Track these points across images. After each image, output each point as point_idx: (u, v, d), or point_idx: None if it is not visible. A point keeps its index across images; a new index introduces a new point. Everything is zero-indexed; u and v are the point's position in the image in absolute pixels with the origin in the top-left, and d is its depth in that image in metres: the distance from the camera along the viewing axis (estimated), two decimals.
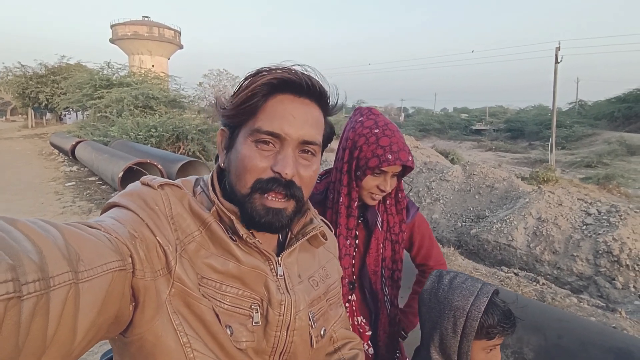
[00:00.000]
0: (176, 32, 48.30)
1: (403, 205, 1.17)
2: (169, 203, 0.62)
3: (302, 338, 0.68)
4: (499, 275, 4.85)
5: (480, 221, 7.81)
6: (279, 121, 0.62)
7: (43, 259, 0.39)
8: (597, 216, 6.39)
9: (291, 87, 0.64)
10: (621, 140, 21.98)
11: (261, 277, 0.64)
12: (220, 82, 21.52)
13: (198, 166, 7.79)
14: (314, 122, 0.66)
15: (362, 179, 1.05)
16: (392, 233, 1.16)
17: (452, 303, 0.93)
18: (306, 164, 0.66)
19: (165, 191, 0.63)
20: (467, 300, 0.92)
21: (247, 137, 0.64)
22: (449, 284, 0.97)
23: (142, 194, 0.61)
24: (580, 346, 1.27)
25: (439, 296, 0.96)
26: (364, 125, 1.07)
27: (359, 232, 1.14)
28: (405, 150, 1.03)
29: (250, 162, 0.62)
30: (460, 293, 0.93)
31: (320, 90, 0.66)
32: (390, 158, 1.00)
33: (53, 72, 26.37)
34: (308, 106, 0.66)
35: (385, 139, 1.03)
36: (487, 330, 0.91)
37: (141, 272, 0.53)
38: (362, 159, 1.04)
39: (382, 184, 1.05)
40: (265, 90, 0.62)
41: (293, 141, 0.63)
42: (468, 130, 42.59)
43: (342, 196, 1.07)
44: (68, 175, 9.80)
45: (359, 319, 1.12)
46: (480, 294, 0.92)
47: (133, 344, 0.55)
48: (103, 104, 14.62)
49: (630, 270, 5.35)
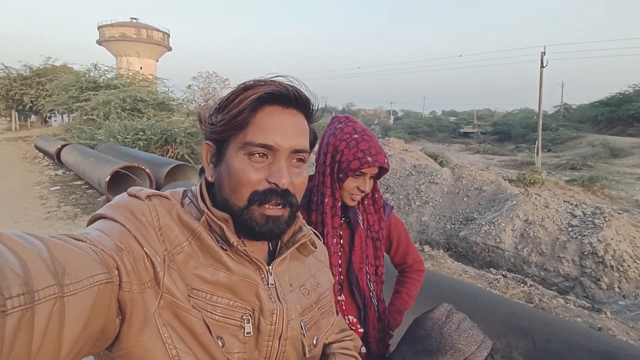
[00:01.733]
0: (165, 34, 47.89)
1: (380, 205, 1.26)
2: (157, 214, 0.61)
3: (294, 347, 0.68)
4: (488, 277, 4.90)
5: (468, 223, 7.90)
6: (270, 133, 0.63)
7: (27, 273, 0.38)
8: (583, 218, 6.51)
9: (279, 99, 0.65)
10: (605, 143, 22.51)
11: (252, 287, 0.64)
12: (209, 85, 21.42)
13: (187, 170, 7.70)
14: (302, 130, 0.68)
15: (344, 180, 1.13)
16: (372, 231, 1.24)
17: (455, 344, 0.97)
18: (298, 172, 0.67)
19: (153, 202, 0.62)
20: (469, 347, 0.96)
21: (239, 150, 0.64)
22: (457, 323, 1.01)
23: (129, 205, 0.61)
24: (568, 349, 1.28)
25: (444, 331, 1.00)
26: (343, 131, 1.15)
27: (343, 232, 1.21)
28: (382, 153, 1.13)
29: (245, 175, 0.63)
30: (465, 338, 0.98)
31: (306, 101, 0.68)
32: (370, 160, 1.09)
33: (38, 73, 25.95)
34: (295, 116, 0.67)
35: (365, 143, 1.12)
36: None
37: (128, 285, 0.52)
38: (343, 162, 1.12)
39: (361, 184, 1.13)
40: (254, 104, 0.63)
41: (285, 151, 0.64)
42: (456, 133, 43.21)
43: (327, 197, 1.15)
44: (53, 179, 9.62)
45: (350, 318, 1.17)
46: (482, 347, 0.97)
47: (120, 359, 0.54)
48: (90, 106, 14.38)
49: (614, 270, 5.46)
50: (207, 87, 21.30)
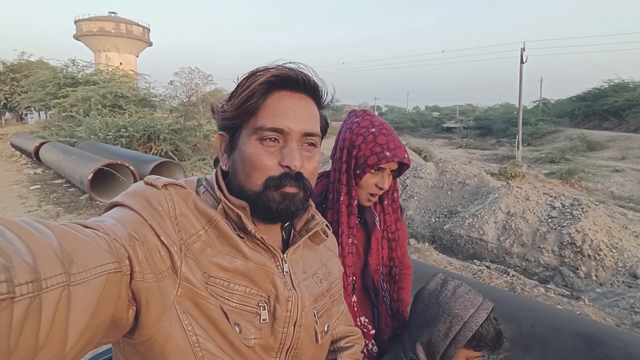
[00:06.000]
0: (145, 29, 46.74)
1: (398, 205, 1.23)
2: (173, 203, 0.62)
3: (308, 334, 0.70)
4: (472, 269, 5.02)
5: (453, 216, 8.04)
6: (280, 117, 0.64)
7: (36, 261, 0.38)
8: (562, 209, 6.71)
9: (288, 83, 0.66)
10: (582, 137, 23.09)
11: (268, 274, 0.66)
12: (192, 81, 20.99)
13: (172, 167, 7.60)
14: (312, 115, 0.69)
15: (361, 177, 1.08)
16: (389, 232, 1.20)
17: (452, 309, 0.98)
18: (309, 156, 0.68)
19: (169, 191, 0.63)
20: (467, 311, 0.97)
21: (251, 136, 0.65)
22: (452, 290, 1.02)
23: (145, 193, 0.61)
24: (551, 333, 1.35)
25: (440, 299, 1.01)
26: (360, 126, 1.10)
27: (357, 232, 1.16)
28: (401, 148, 1.07)
29: (259, 160, 0.64)
30: (462, 302, 0.98)
31: (314, 85, 0.69)
32: (389, 155, 1.04)
33: (12, 69, 24.95)
34: (305, 100, 0.68)
35: (383, 137, 1.06)
36: (477, 343, 0.97)
37: (140, 274, 0.53)
38: (360, 157, 1.07)
39: (380, 181, 1.08)
40: (263, 89, 0.64)
41: (296, 135, 0.66)
42: (439, 128, 43.76)
43: (343, 195, 1.10)
44: (32, 178, 9.33)
45: (362, 319, 1.14)
46: (481, 308, 0.98)
47: (142, 345, 0.55)
48: (68, 103, 13.94)
49: (592, 260, 5.67)
50: (190, 83, 20.87)
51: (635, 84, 28.60)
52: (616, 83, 29.71)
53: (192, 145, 12.35)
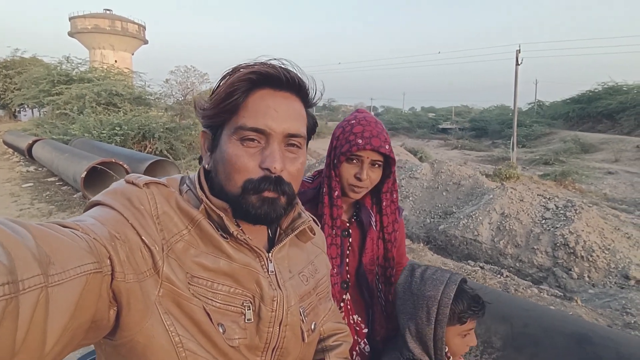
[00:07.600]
0: (140, 27, 46.46)
1: (397, 205, 1.22)
2: (155, 202, 0.60)
3: (294, 333, 0.69)
4: (466, 269, 5.04)
5: (447, 217, 8.06)
6: (262, 117, 0.62)
7: (12, 262, 0.37)
8: (555, 211, 6.76)
9: (270, 81, 0.63)
10: (576, 139, 23.29)
11: (253, 274, 0.64)
12: (187, 79, 20.90)
13: (167, 165, 7.55)
14: (296, 114, 0.66)
15: (338, 166, 1.08)
16: (385, 232, 1.19)
17: (424, 294, 0.99)
18: (293, 157, 0.66)
19: (151, 190, 0.62)
20: (437, 290, 0.98)
21: (231, 135, 0.63)
22: (420, 276, 1.03)
23: (126, 192, 0.59)
24: (544, 333, 1.35)
25: (412, 288, 1.02)
26: (344, 120, 1.13)
27: (353, 231, 1.17)
28: (379, 138, 1.05)
29: (238, 160, 0.62)
30: (431, 284, 1.00)
31: (299, 83, 0.66)
32: (360, 142, 1.03)
33: (5, 66, 24.70)
34: (289, 99, 0.66)
35: (359, 127, 1.06)
36: (458, 316, 0.98)
37: (121, 275, 0.51)
38: (337, 147, 1.08)
39: (358, 172, 1.06)
40: (244, 87, 0.62)
41: (278, 135, 0.63)
42: (435, 129, 44.03)
43: (325, 186, 1.11)
44: (25, 175, 9.24)
45: (355, 317, 1.14)
46: (449, 283, 0.99)
47: (123, 347, 0.54)
48: (62, 100, 13.82)
49: (584, 261, 5.71)
50: (186, 82, 20.78)
51: (628, 86, 28.84)
52: (610, 86, 29.96)
53: (187, 144, 12.30)
